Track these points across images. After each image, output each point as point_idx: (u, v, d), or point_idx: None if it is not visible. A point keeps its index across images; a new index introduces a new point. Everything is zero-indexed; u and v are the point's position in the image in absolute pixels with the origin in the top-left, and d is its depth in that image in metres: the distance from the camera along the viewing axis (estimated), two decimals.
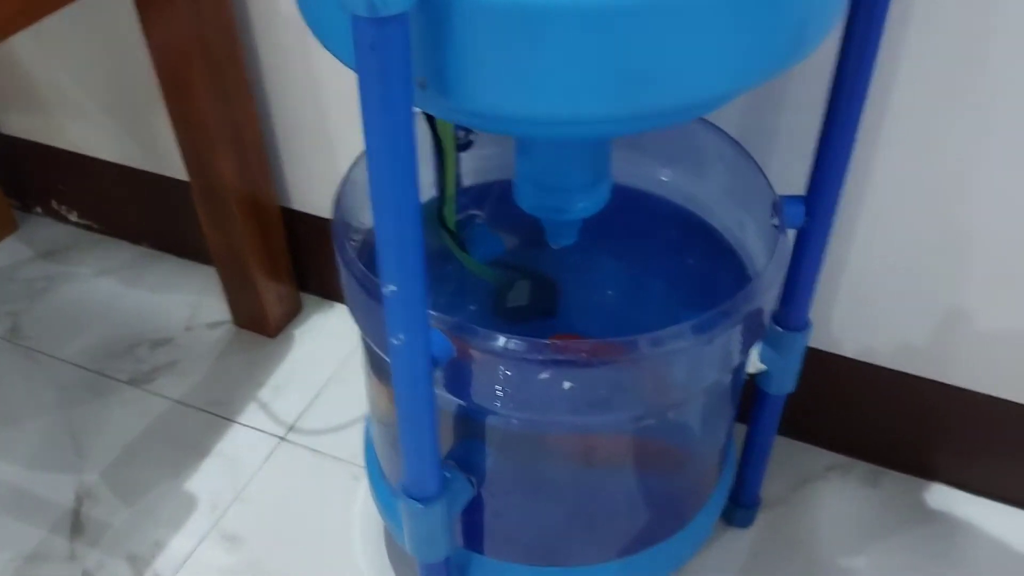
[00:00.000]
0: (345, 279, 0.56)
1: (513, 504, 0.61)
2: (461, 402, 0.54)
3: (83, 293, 1.00)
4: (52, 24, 0.88)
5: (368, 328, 0.56)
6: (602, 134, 0.48)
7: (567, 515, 0.62)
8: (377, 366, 0.61)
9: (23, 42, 0.94)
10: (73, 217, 1.09)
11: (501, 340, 0.49)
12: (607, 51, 0.37)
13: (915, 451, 0.79)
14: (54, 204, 1.09)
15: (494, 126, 0.45)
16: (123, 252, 1.05)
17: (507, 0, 0.36)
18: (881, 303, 0.72)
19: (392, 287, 0.43)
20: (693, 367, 0.54)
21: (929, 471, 0.80)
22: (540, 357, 0.49)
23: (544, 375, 0.50)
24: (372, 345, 0.57)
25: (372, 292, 0.52)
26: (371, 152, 0.39)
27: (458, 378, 0.52)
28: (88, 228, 1.09)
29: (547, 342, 0.50)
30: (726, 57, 0.38)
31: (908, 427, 0.78)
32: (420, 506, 0.52)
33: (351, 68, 0.42)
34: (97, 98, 0.95)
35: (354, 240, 0.61)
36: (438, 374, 0.52)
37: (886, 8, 0.50)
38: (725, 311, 0.52)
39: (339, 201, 0.60)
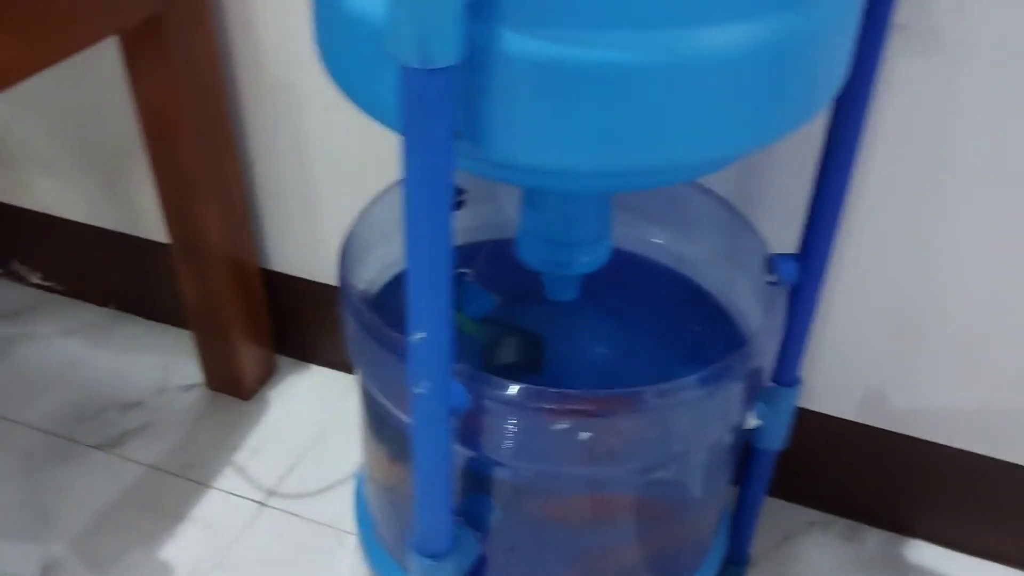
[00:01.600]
0: (354, 333, 0.56)
1: (516, 562, 0.60)
2: (472, 454, 0.54)
3: (46, 355, 0.97)
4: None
5: (379, 382, 0.55)
6: (621, 187, 0.50)
7: (570, 574, 0.61)
8: (379, 424, 0.61)
9: None
10: (35, 279, 1.06)
11: (515, 389, 0.50)
12: (635, 107, 0.38)
13: (893, 507, 0.81)
14: (15, 265, 1.06)
15: (517, 177, 0.46)
16: (87, 313, 1.03)
17: (545, 56, 0.37)
18: (859, 361, 0.74)
19: (421, 334, 0.43)
20: (696, 422, 0.55)
21: (907, 527, 0.81)
22: (555, 407, 0.50)
23: (560, 425, 0.50)
24: (380, 400, 0.57)
25: (386, 344, 0.52)
26: (411, 199, 0.40)
27: (471, 429, 0.52)
28: (49, 290, 1.06)
29: (562, 392, 0.50)
30: (750, 116, 0.40)
31: (886, 483, 0.80)
32: (432, 563, 0.52)
33: (383, 121, 0.43)
34: (68, 156, 0.94)
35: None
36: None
37: (876, 69, 0.53)
38: (728, 365, 0.54)
39: (344, 256, 0.60)
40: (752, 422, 0.66)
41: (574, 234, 0.55)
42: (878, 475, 0.80)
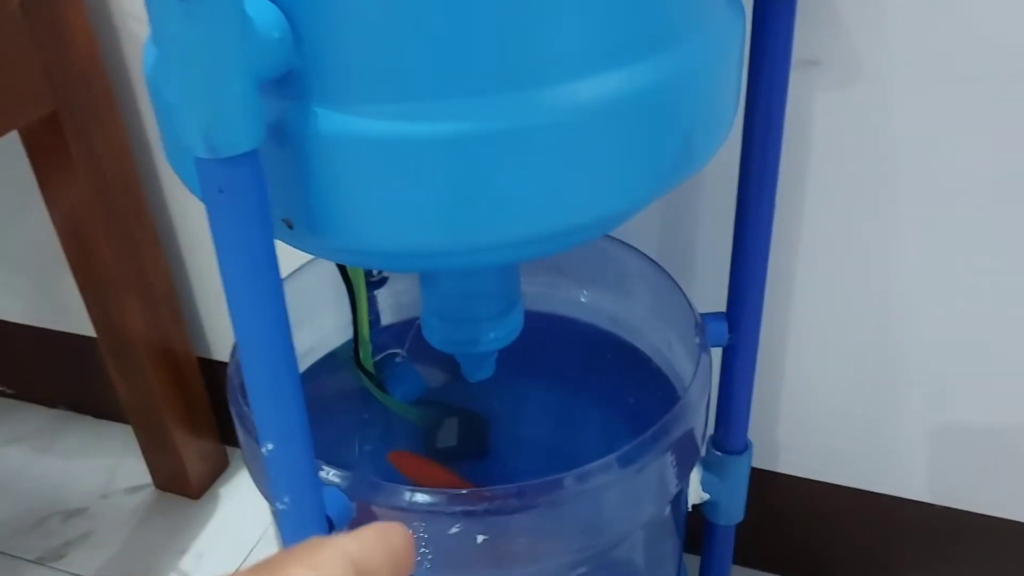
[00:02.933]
0: (241, 435, 0.52)
1: None
2: None
3: None
4: None
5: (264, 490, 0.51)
6: (488, 262, 0.45)
7: None
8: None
9: None
10: None
11: (406, 494, 0.45)
12: (478, 178, 0.34)
13: (874, 570, 0.75)
14: None
15: (376, 262, 0.42)
16: (37, 417, 0.99)
17: (367, 133, 0.33)
18: (822, 417, 0.69)
19: (270, 445, 0.39)
20: (626, 502, 0.50)
21: None
22: (450, 509, 0.45)
23: (455, 529, 0.45)
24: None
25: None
26: (232, 302, 0.36)
27: None
28: (1, 395, 1.03)
29: (461, 492, 0.46)
30: (610, 179, 0.36)
31: (862, 545, 0.73)
32: None
33: None
34: (1, 259, 0.91)
35: None
36: None
37: (783, 111, 0.49)
38: (653, 436, 0.49)
39: (236, 352, 0.56)
40: (700, 495, 0.60)
41: (475, 310, 0.51)
42: (856, 537, 0.73)
